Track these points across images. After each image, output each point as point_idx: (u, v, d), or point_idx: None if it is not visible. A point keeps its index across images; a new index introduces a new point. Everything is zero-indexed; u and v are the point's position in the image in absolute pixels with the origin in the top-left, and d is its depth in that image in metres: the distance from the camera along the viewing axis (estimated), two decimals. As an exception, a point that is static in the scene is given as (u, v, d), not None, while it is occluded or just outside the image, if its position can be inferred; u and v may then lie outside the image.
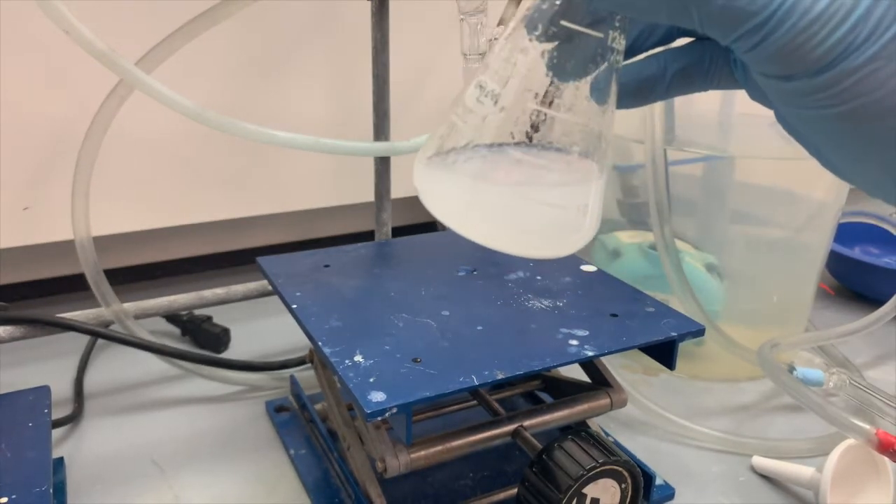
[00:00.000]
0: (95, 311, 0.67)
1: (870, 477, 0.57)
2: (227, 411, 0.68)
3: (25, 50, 0.69)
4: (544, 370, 0.46)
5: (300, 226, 0.98)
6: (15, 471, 0.46)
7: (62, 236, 0.75)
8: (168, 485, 0.58)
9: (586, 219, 0.32)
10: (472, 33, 0.50)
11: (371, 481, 0.51)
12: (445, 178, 0.32)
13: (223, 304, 0.74)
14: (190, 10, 0.60)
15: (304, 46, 0.82)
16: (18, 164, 0.73)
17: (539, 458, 0.47)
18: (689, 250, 0.76)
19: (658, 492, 0.58)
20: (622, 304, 0.54)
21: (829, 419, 0.57)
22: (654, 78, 0.30)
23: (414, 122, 0.88)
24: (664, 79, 0.30)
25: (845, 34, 0.22)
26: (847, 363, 0.76)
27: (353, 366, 0.44)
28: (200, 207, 0.84)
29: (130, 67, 0.57)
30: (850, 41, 0.22)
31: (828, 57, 0.22)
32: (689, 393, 0.74)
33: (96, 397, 0.70)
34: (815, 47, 0.22)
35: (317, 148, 0.63)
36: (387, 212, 0.73)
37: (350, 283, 0.57)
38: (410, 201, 0.96)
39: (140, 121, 0.73)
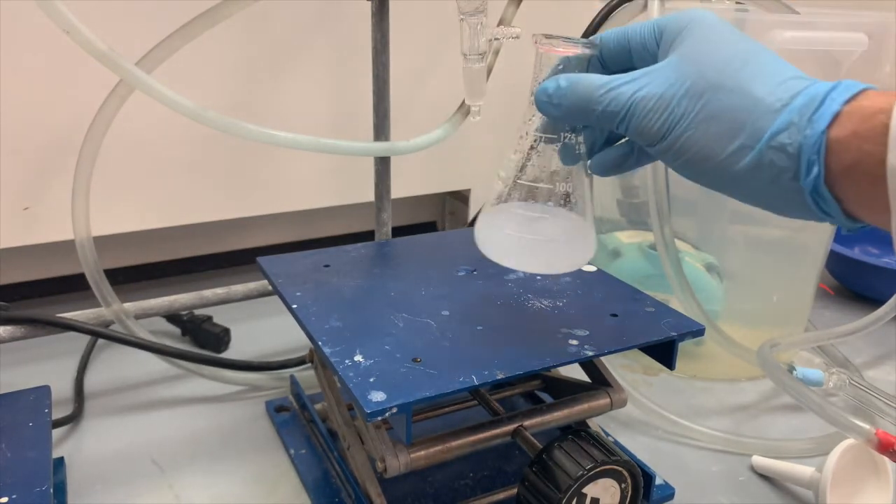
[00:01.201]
0: (96, 310, 0.67)
1: (869, 477, 0.57)
2: (227, 411, 0.68)
3: (25, 50, 0.69)
4: (544, 370, 0.46)
5: (300, 226, 0.98)
6: (15, 470, 0.46)
7: (62, 236, 0.75)
8: (168, 484, 0.58)
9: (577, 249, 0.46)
10: (472, 33, 0.50)
11: (371, 481, 0.51)
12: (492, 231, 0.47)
13: (223, 304, 0.74)
14: (190, 10, 0.60)
15: (305, 47, 0.82)
16: (18, 164, 0.73)
17: (539, 458, 0.47)
18: (689, 250, 0.76)
19: (658, 492, 0.58)
20: (622, 304, 0.54)
21: (829, 419, 0.57)
22: (626, 155, 0.43)
23: (414, 122, 0.88)
24: (633, 154, 0.43)
25: (664, 121, 0.36)
26: (847, 363, 0.76)
27: (353, 366, 0.44)
28: (200, 207, 0.84)
29: (131, 67, 0.57)
30: (670, 124, 0.36)
31: (660, 133, 0.36)
32: (689, 393, 0.74)
33: (96, 397, 0.70)
34: (651, 129, 0.37)
35: (317, 148, 0.63)
36: (387, 212, 0.73)
37: (350, 283, 0.57)
38: (410, 201, 0.96)
39: (140, 121, 0.73)
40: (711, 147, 0.34)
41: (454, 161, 0.95)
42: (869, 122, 0.31)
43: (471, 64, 0.51)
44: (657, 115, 0.36)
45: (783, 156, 0.32)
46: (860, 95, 0.32)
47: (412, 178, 0.92)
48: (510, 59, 0.74)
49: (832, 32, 0.66)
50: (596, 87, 0.38)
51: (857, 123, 0.31)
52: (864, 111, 0.31)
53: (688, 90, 0.35)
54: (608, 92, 0.38)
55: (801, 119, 0.32)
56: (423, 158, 0.73)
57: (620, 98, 0.37)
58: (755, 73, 0.34)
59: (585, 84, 0.38)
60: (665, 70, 0.36)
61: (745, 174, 0.34)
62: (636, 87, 0.37)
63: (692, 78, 0.35)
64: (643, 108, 0.36)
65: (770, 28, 0.64)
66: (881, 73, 0.68)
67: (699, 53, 0.35)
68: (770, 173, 0.33)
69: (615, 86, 0.38)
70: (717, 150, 0.34)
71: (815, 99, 0.32)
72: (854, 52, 0.66)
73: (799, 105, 0.33)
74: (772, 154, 0.33)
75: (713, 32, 0.36)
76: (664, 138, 0.36)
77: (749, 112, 0.33)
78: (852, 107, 0.32)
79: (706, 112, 0.34)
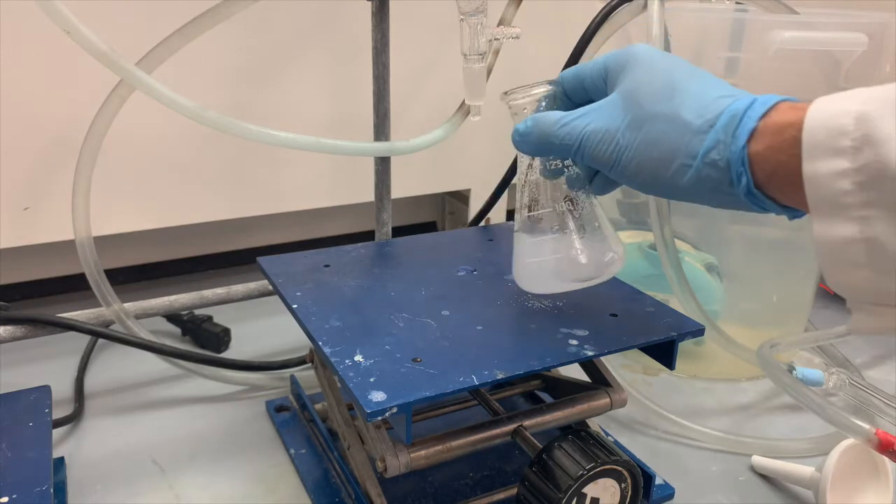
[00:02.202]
0: (96, 310, 0.67)
1: (869, 477, 0.57)
2: (227, 411, 0.68)
3: (25, 50, 0.69)
4: (544, 370, 0.46)
5: (300, 226, 0.98)
6: (16, 470, 0.46)
7: (62, 236, 0.75)
8: (168, 484, 0.58)
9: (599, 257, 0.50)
10: (472, 33, 0.50)
11: (371, 481, 0.51)
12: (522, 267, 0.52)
13: (224, 303, 0.74)
14: (190, 10, 0.60)
15: (305, 47, 0.82)
16: (19, 164, 0.73)
17: (539, 458, 0.47)
18: (689, 250, 0.76)
19: (658, 491, 0.58)
20: (622, 304, 0.54)
21: (829, 419, 0.57)
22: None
23: (414, 122, 0.88)
24: None
25: (612, 150, 0.41)
26: (847, 363, 0.76)
27: (354, 365, 0.44)
28: (200, 207, 0.84)
29: (131, 68, 0.57)
30: (618, 153, 0.40)
31: (611, 160, 0.41)
32: (689, 393, 0.74)
33: (97, 397, 0.70)
34: (602, 157, 0.41)
35: (317, 148, 0.63)
36: (387, 212, 0.73)
37: (350, 283, 0.57)
38: (410, 201, 0.96)
39: (141, 121, 0.73)
40: (657, 169, 0.39)
41: (454, 161, 0.95)
42: (780, 136, 0.35)
43: (471, 64, 0.51)
44: (606, 146, 0.41)
45: (716, 170, 0.37)
46: (773, 110, 0.36)
47: (412, 178, 0.92)
48: (510, 59, 0.75)
49: (832, 32, 0.66)
50: (552, 122, 0.43)
51: (770, 138, 0.35)
52: (775, 126, 0.35)
53: (629, 123, 0.40)
54: (562, 127, 0.43)
55: (726, 136, 0.37)
56: (423, 158, 0.74)
57: (573, 132, 0.42)
58: (684, 99, 0.38)
59: (545, 121, 0.44)
60: (609, 105, 0.41)
61: (691, 187, 0.39)
62: (586, 122, 0.42)
63: (632, 111, 0.40)
64: (593, 141, 0.41)
65: (770, 28, 0.64)
66: (881, 73, 0.69)
67: (636, 88, 0.40)
68: (710, 185, 0.38)
69: (568, 121, 0.43)
70: (662, 170, 0.39)
71: (736, 117, 0.36)
72: (854, 52, 0.66)
73: (722, 124, 0.37)
74: (707, 169, 0.37)
75: (648, 67, 0.41)
76: (616, 164, 0.41)
77: (682, 135, 0.38)
78: (766, 123, 0.36)
79: (647, 140, 0.39)
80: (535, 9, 0.74)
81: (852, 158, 0.32)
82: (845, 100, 0.33)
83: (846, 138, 0.32)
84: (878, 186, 0.31)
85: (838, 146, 0.32)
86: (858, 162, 0.31)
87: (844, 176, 0.32)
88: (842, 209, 0.32)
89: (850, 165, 0.32)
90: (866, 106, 0.32)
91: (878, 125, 0.31)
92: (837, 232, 0.33)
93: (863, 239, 0.32)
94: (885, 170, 0.31)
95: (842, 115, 0.32)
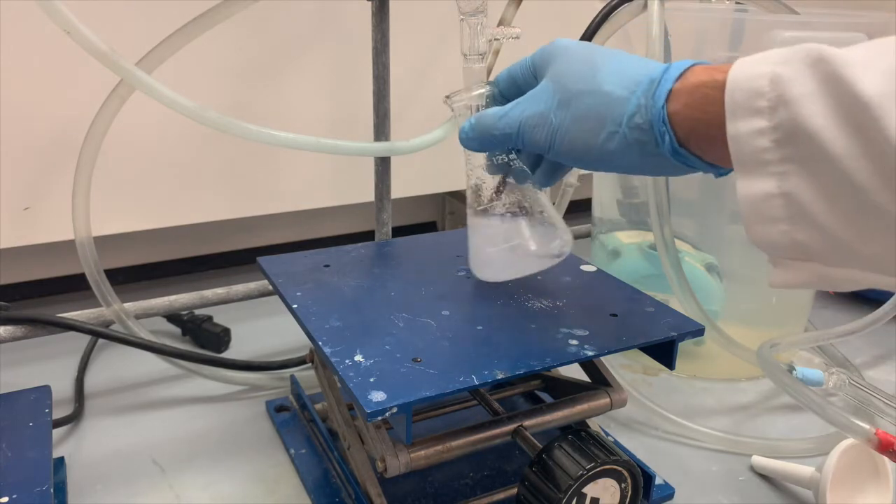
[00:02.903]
0: (96, 310, 0.67)
1: (869, 477, 0.57)
2: (227, 411, 0.68)
3: (25, 50, 0.69)
4: (544, 370, 0.46)
5: (300, 226, 0.98)
6: (16, 470, 0.46)
7: (62, 236, 0.75)
8: (168, 484, 0.58)
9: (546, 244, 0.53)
10: (472, 33, 0.50)
11: (371, 481, 0.51)
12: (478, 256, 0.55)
13: (224, 303, 0.74)
14: (190, 10, 0.60)
15: (305, 47, 0.82)
16: (19, 163, 0.73)
17: (539, 458, 0.47)
18: (689, 250, 0.76)
19: (658, 491, 0.58)
20: (622, 304, 0.54)
21: (829, 419, 0.57)
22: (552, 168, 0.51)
23: (414, 122, 0.88)
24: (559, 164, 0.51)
25: (547, 132, 0.43)
26: (847, 363, 0.76)
27: (354, 365, 0.44)
28: (200, 207, 0.84)
29: (131, 68, 0.57)
30: (552, 132, 0.43)
31: (548, 141, 0.43)
32: (689, 393, 0.74)
33: (97, 397, 0.70)
34: (539, 140, 0.44)
35: (317, 148, 0.63)
36: (387, 212, 0.73)
37: (350, 283, 0.57)
38: (410, 201, 0.96)
39: (141, 121, 0.73)
40: (588, 140, 0.42)
41: (454, 161, 0.94)
42: (695, 95, 0.37)
43: (471, 64, 0.51)
44: (541, 129, 0.44)
45: (641, 132, 0.40)
46: (688, 72, 0.39)
47: (412, 178, 0.92)
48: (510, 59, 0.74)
49: (832, 32, 0.66)
50: (492, 116, 0.47)
51: (685, 97, 0.38)
52: (689, 86, 0.38)
53: (558, 103, 0.43)
54: (501, 119, 0.46)
55: (647, 100, 0.39)
56: (423, 158, 0.74)
57: (511, 121, 0.45)
58: (605, 75, 0.42)
59: (486, 117, 0.47)
60: (540, 92, 0.45)
61: (620, 153, 0.41)
62: (521, 109, 0.45)
63: (560, 93, 0.43)
64: (530, 125, 0.44)
65: (770, 28, 0.64)
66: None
67: (562, 73, 0.44)
68: (637, 148, 0.40)
69: (505, 112, 0.46)
70: (592, 142, 0.42)
71: (654, 81, 0.39)
72: (854, 52, 0.66)
73: (643, 90, 0.40)
74: (634, 133, 0.40)
75: (572, 54, 0.44)
76: (552, 145, 0.43)
77: (606, 106, 0.41)
78: (681, 83, 0.38)
79: (576, 115, 0.42)
80: (535, 9, 0.74)
81: (769, 117, 0.33)
82: (761, 63, 0.34)
83: (762, 99, 0.33)
84: (793, 142, 0.33)
85: (756, 106, 0.34)
86: (774, 120, 0.33)
87: (763, 134, 0.34)
88: (762, 165, 0.34)
89: (767, 124, 0.33)
90: (779, 68, 0.33)
91: (790, 86, 0.33)
92: (758, 187, 0.35)
93: (780, 193, 0.34)
94: (798, 127, 0.32)
95: (758, 77, 0.34)
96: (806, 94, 0.32)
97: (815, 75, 0.32)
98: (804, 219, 0.34)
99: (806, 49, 0.33)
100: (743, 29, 0.69)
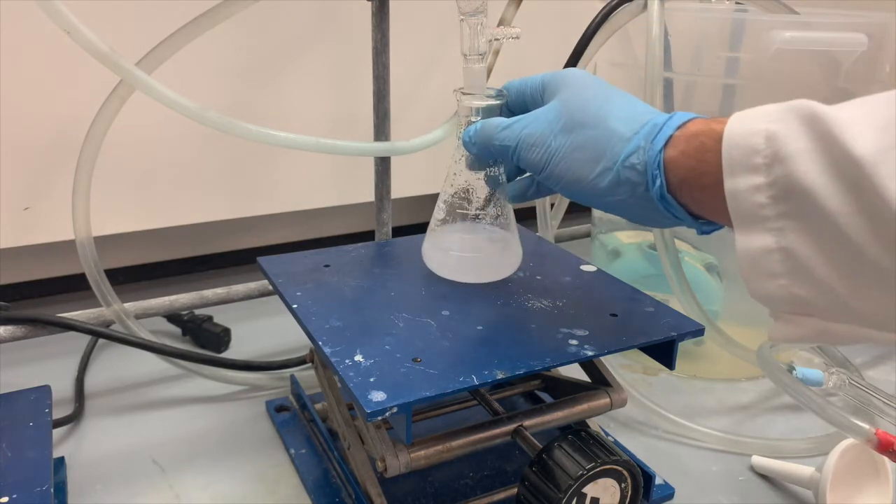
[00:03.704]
0: (96, 310, 0.67)
1: (869, 477, 0.57)
2: (227, 411, 0.68)
3: (25, 50, 0.69)
4: (544, 370, 0.46)
5: (300, 226, 0.98)
6: (16, 470, 0.46)
7: (62, 236, 0.75)
8: (168, 484, 0.58)
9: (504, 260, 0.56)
10: (472, 34, 0.50)
11: (371, 481, 0.51)
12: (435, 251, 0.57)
13: (224, 303, 0.74)
14: (190, 10, 0.60)
15: (305, 47, 0.82)
16: (19, 163, 0.73)
17: (539, 458, 0.47)
18: (689, 250, 0.76)
19: (658, 491, 0.58)
20: (622, 304, 0.54)
21: (829, 419, 0.57)
22: (527, 186, 0.52)
23: (414, 122, 0.88)
24: (532, 186, 0.52)
25: (543, 153, 0.44)
26: (847, 363, 0.76)
27: (354, 365, 0.44)
28: (200, 207, 0.84)
29: (131, 68, 0.57)
30: (549, 155, 0.44)
31: (542, 162, 0.45)
32: (689, 393, 0.74)
33: (97, 397, 0.70)
34: (535, 159, 0.45)
35: (317, 148, 0.63)
36: (387, 212, 0.73)
37: (350, 282, 0.57)
38: (410, 201, 0.96)
39: (141, 121, 0.73)
40: (581, 171, 0.43)
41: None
42: (691, 143, 0.39)
43: (471, 64, 0.51)
44: (539, 149, 0.45)
45: (635, 173, 0.41)
46: (689, 123, 0.40)
47: (412, 178, 0.92)
48: (510, 59, 0.75)
49: (832, 32, 0.66)
50: (495, 126, 0.48)
51: (682, 144, 0.39)
52: (688, 134, 0.39)
53: (561, 128, 0.44)
54: (503, 130, 0.47)
55: (646, 143, 0.40)
56: (423, 158, 0.74)
57: (512, 135, 0.46)
58: (611, 111, 0.43)
59: (490, 125, 0.48)
60: (545, 113, 0.45)
61: (610, 190, 0.42)
62: (523, 125, 0.46)
63: (564, 119, 0.44)
64: (528, 143, 0.45)
65: (770, 28, 0.64)
66: (881, 73, 0.69)
67: (571, 100, 0.44)
68: (627, 188, 0.41)
69: (508, 125, 0.47)
70: (586, 173, 0.43)
71: (656, 126, 0.40)
72: (854, 52, 0.66)
73: (644, 132, 0.41)
74: (627, 172, 0.41)
75: (585, 84, 0.45)
76: (546, 167, 0.45)
77: (607, 141, 0.42)
78: (681, 132, 0.39)
79: (575, 144, 0.43)
80: (535, 9, 0.74)
81: (766, 174, 0.34)
82: (756, 119, 0.35)
83: (759, 156, 0.34)
84: (789, 199, 0.34)
85: (753, 163, 0.34)
86: (771, 177, 0.34)
87: (759, 190, 0.34)
88: (759, 221, 0.35)
89: (764, 180, 0.34)
90: (774, 125, 0.34)
91: (785, 143, 0.33)
92: (756, 243, 0.35)
93: (778, 248, 0.35)
94: (794, 184, 0.33)
95: (754, 134, 0.34)
96: (801, 151, 0.33)
97: (809, 133, 0.33)
98: (802, 274, 0.34)
99: (799, 106, 0.34)
100: (743, 29, 0.69)
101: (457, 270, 0.56)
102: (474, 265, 0.55)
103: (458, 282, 0.56)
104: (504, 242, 0.55)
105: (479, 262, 0.55)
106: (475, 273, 0.56)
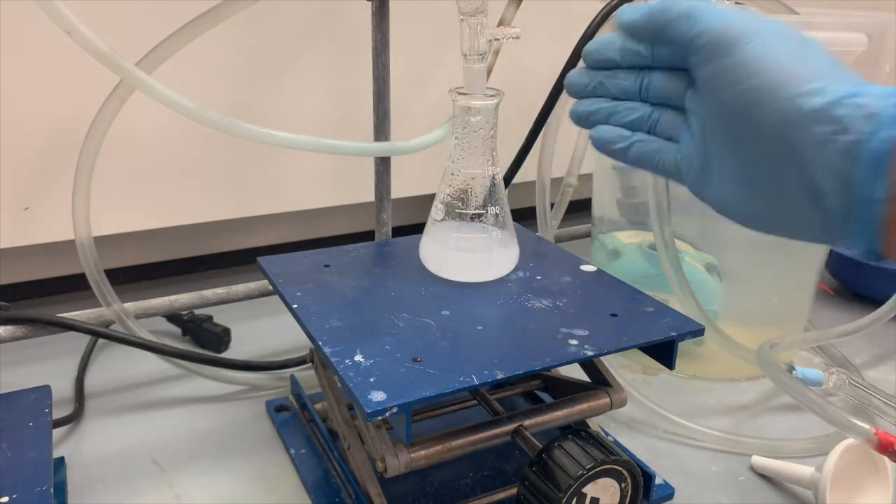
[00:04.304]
0: (96, 310, 0.67)
1: (869, 476, 0.57)
2: (227, 411, 0.68)
3: (25, 50, 0.69)
4: (544, 370, 0.46)
5: (300, 226, 0.98)
6: (16, 470, 0.46)
7: (62, 236, 0.75)
8: (168, 484, 0.58)
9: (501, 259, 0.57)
10: (472, 34, 0.50)
11: (371, 481, 0.51)
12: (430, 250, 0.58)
13: (224, 303, 0.74)
14: (190, 10, 0.60)
15: (305, 47, 0.82)
16: (19, 163, 0.73)
17: (539, 458, 0.47)
18: (689, 250, 0.76)
19: (658, 491, 0.58)
20: (622, 304, 0.54)
21: (829, 419, 0.57)
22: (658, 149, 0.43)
23: (414, 122, 0.88)
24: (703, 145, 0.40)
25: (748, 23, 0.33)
26: (847, 363, 0.76)
27: (354, 365, 0.44)
28: (200, 207, 0.84)
29: (131, 68, 0.57)
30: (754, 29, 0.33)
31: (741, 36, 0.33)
32: (689, 392, 0.74)
33: (97, 397, 0.70)
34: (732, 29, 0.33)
35: (317, 148, 0.63)
36: (387, 212, 0.73)
37: (350, 282, 0.57)
38: (410, 201, 0.96)
39: (140, 121, 0.73)
40: (787, 78, 0.31)
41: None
42: None
43: (471, 64, 0.51)
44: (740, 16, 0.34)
45: (858, 114, 0.30)
46: None
47: (412, 178, 0.92)
48: (510, 59, 0.75)
49: (832, 32, 0.66)
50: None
51: None
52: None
53: (781, 29, 0.33)
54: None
55: (884, 95, 0.30)
56: (423, 158, 0.74)
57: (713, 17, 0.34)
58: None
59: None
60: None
61: (806, 120, 0.31)
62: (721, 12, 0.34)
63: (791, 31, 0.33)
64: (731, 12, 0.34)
65: (770, 28, 0.64)
66: (881, 73, 0.69)
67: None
68: (830, 128, 0.30)
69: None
70: (792, 83, 0.31)
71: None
72: (854, 52, 0.66)
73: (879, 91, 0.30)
74: (845, 109, 0.30)
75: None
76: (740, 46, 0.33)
77: (834, 65, 0.32)
78: None
79: (795, 45, 0.32)
80: (535, 9, 0.74)
81: None
82: None
83: None
84: None
85: None
86: None
87: None
88: None
89: None
90: None
91: None
92: None
93: None
94: None
95: None
96: None
97: None
98: None
99: None
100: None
101: (455, 269, 0.56)
102: (472, 264, 0.56)
103: (458, 281, 0.56)
104: (501, 241, 0.56)
105: (476, 261, 0.56)
106: (473, 272, 0.56)
